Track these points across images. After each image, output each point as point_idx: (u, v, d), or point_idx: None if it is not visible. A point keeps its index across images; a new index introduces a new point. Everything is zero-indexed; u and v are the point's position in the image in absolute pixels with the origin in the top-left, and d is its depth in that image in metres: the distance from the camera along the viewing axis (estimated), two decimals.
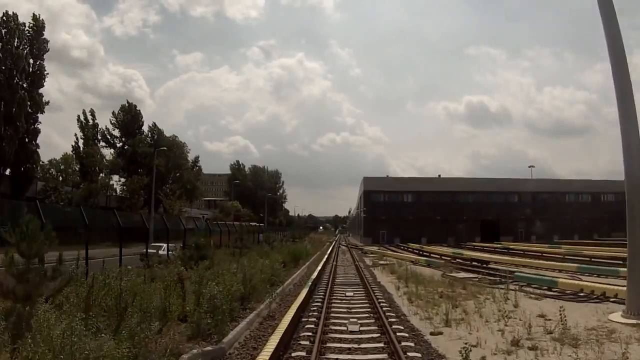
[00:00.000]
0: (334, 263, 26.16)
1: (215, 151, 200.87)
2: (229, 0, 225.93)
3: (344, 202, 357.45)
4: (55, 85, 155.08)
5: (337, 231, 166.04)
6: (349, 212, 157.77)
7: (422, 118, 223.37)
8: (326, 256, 31.42)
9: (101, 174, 51.41)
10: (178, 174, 69.22)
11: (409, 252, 41.52)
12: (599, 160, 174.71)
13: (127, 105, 65.09)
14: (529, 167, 74.24)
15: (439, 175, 75.80)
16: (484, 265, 26.01)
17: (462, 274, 20.74)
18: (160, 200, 57.64)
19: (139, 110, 65.46)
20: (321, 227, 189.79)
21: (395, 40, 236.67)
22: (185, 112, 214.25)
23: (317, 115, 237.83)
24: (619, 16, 10.98)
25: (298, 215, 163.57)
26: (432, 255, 36.23)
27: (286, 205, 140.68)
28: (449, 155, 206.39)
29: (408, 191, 69.25)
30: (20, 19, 43.96)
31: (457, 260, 30.31)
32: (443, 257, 33.25)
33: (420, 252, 39.89)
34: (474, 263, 27.69)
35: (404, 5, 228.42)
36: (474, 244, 56.05)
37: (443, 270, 23.00)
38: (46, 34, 46.85)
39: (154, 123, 67.47)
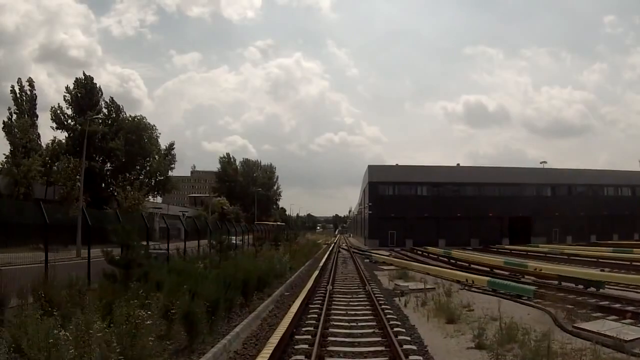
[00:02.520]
0: (330, 288, 14.87)
1: (213, 151, 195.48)
2: (225, 1, 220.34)
3: (344, 202, 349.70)
4: (54, 86, 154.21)
5: (337, 231, 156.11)
6: (349, 211, 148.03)
7: (420, 118, 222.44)
8: (317, 272, 19.92)
9: (35, 156, 39.89)
10: (148, 160, 57.88)
11: (436, 261, 30.38)
12: (598, 160, 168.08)
13: (82, 78, 53.83)
14: (541, 162, 62.89)
15: (458, 164, 63.71)
16: (590, 290, 14.96)
17: (608, 328, 9.54)
18: (117, 193, 46.56)
19: (97, 84, 54.24)
20: (319, 227, 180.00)
21: (392, 40, 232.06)
22: (183, 112, 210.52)
23: (315, 115, 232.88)
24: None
25: (297, 214, 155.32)
26: (472, 266, 25.12)
27: (282, 203, 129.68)
28: (447, 154, 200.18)
29: (422, 182, 56.88)
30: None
31: (525, 276, 19.27)
32: (495, 271, 22.05)
33: (453, 262, 28.75)
34: (563, 284, 16.55)
35: (401, 5, 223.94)
36: (510, 247, 44.62)
37: (551, 311, 11.29)
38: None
39: (112, 98, 56.04)
